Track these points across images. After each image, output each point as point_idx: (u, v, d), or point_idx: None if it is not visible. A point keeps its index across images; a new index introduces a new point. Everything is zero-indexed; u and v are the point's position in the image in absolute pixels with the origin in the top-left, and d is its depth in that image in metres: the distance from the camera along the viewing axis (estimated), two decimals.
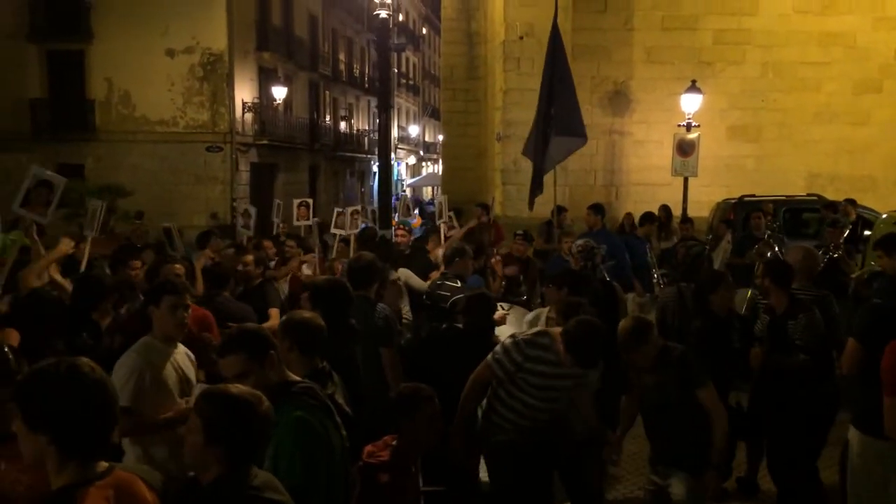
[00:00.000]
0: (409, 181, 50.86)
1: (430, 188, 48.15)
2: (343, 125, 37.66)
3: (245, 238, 10.98)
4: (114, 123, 24.42)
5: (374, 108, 39.03)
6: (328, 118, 35.36)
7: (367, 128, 42.00)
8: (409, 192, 42.19)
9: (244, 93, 25.70)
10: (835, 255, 8.63)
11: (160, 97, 24.15)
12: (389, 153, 10.78)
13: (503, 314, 6.17)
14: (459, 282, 6.49)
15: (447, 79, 26.26)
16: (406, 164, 53.73)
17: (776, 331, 5.19)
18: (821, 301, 5.44)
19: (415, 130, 54.75)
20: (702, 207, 16.63)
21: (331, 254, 9.59)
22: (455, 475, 4.56)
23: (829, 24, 19.26)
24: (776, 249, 8.86)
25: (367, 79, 41.49)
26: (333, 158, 35.78)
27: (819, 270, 6.72)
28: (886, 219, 10.01)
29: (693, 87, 16.84)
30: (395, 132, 43.16)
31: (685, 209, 15.27)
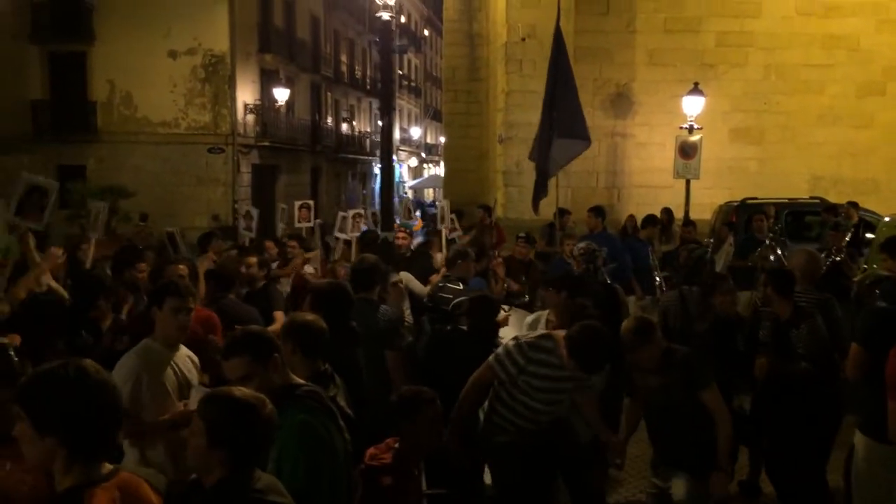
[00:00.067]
0: (411, 183, 50.86)
1: (432, 190, 48.16)
2: (345, 127, 37.68)
3: (247, 239, 10.97)
4: (115, 125, 24.45)
5: (376, 110, 39.14)
6: (330, 120, 35.38)
7: (369, 129, 42.03)
8: (411, 194, 42.21)
9: (246, 94, 25.72)
10: (837, 259, 8.61)
11: (162, 99, 24.18)
12: (391, 155, 10.77)
13: (505, 316, 6.16)
14: (461, 284, 6.48)
15: (449, 80, 26.28)
16: (408, 166, 53.71)
17: (779, 339, 5.17)
18: (823, 304, 5.43)
19: (416, 132, 54.76)
20: (704, 210, 16.61)
21: (333, 256, 9.59)
22: (458, 478, 4.54)
23: (833, 27, 19.25)
24: (779, 253, 8.85)
25: (369, 80, 41.53)
26: (335, 160, 35.80)
27: (821, 274, 6.70)
28: (889, 222, 10.00)
29: (695, 90, 16.82)
30: (397, 134, 43.17)
31: (687, 212, 15.25)
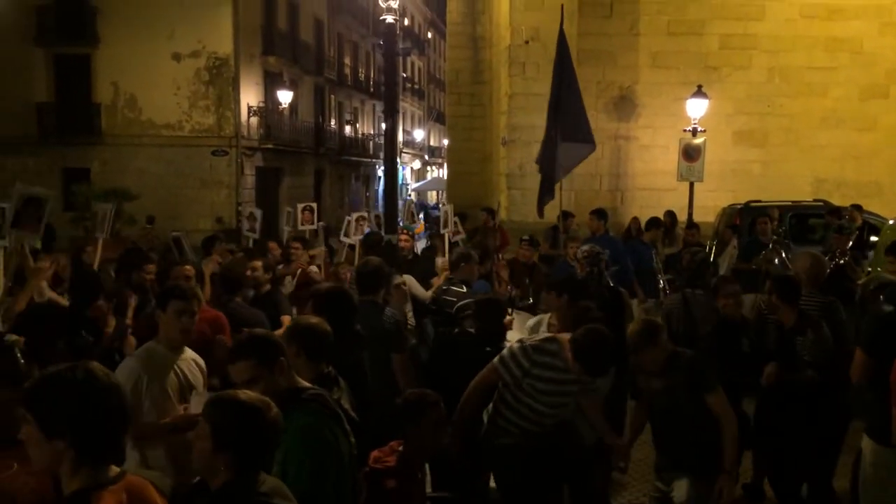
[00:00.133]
0: (414, 185, 50.87)
1: (435, 192, 48.17)
2: (348, 129, 37.73)
3: (251, 241, 10.96)
4: (120, 127, 24.52)
5: (380, 113, 39.09)
6: (333, 122, 35.43)
7: (372, 132, 42.07)
8: (414, 197, 42.22)
9: (250, 97, 25.77)
10: (841, 262, 8.60)
11: (166, 101, 24.25)
12: (395, 158, 10.78)
13: (509, 319, 6.16)
14: (465, 287, 6.48)
15: (452, 83, 26.28)
16: (411, 169, 53.75)
17: (784, 346, 5.15)
18: (827, 308, 5.42)
19: (420, 135, 54.80)
20: (707, 212, 16.58)
21: (336, 258, 9.60)
22: (463, 481, 4.54)
23: (836, 30, 19.23)
24: (783, 255, 8.84)
25: (373, 83, 41.58)
26: (338, 162, 35.85)
27: (825, 277, 6.70)
28: (893, 225, 10.00)
29: (699, 92, 16.81)
30: (400, 136, 43.11)
31: (691, 214, 15.24)
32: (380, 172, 41.75)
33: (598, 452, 4.76)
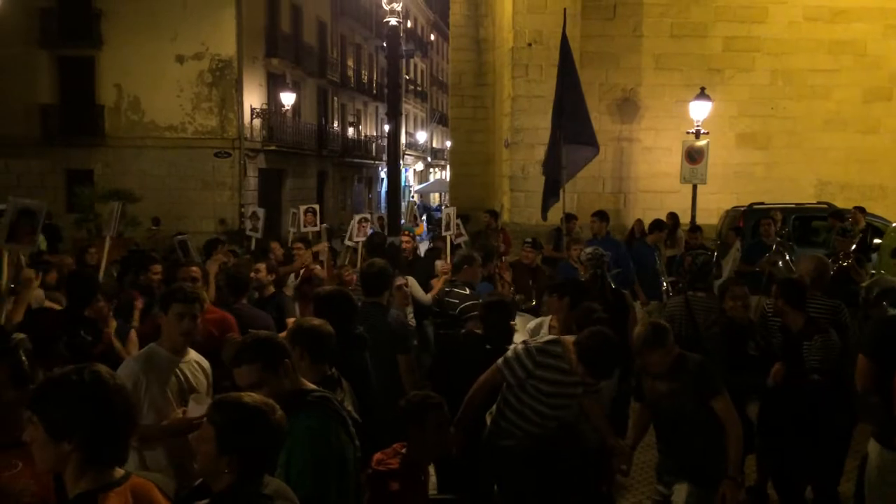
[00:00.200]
0: (417, 187, 50.93)
1: (438, 194, 48.21)
2: (351, 131, 37.75)
3: (254, 240, 10.96)
4: (123, 129, 24.56)
5: (382, 115, 39.18)
6: (336, 124, 35.45)
7: (375, 134, 42.10)
8: (417, 199, 42.24)
9: (253, 99, 25.79)
10: (845, 264, 8.59)
11: (169, 103, 24.28)
12: (398, 160, 10.76)
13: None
14: (468, 289, 6.48)
15: (455, 85, 26.28)
16: (414, 171, 53.80)
17: (791, 350, 5.14)
18: (832, 311, 5.41)
19: (422, 136, 54.84)
20: (711, 215, 16.59)
21: (340, 260, 9.60)
22: (468, 483, 4.53)
23: (839, 32, 19.20)
24: (787, 258, 8.83)
25: (376, 85, 41.61)
26: (341, 164, 35.87)
27: (829, 280, 6.68)
28: None
29: (702, 95, 16.79)
30: (403, 138, 43.18)
31: (694, 216, 15.23)
32: (382, 174, 41.81)
33: (601, 454, 4.75)
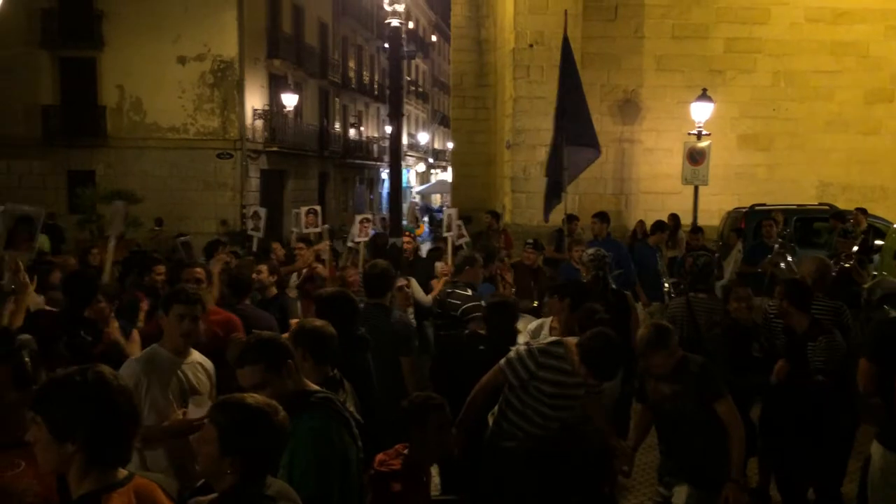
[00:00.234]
0: (419, 188, 50.94)
1: (440, 195, 48.18)
2: (352, 132, 37.77)
3: (255, 240, 10.95)
4: (125, 130, 24.58)
5: (384, 116, 39.20)
6: (338, 125, 35.47)
7: (377, 135, 42.11)
8: (419, 200, 42.23)
9: (254, 100, 25.82)
10: (846, 265, 8.59)
11: (171, 104, 24.30)
12: (400, 161, 10.77)
13: None
14: (470, 290, 6.48)
15: (456, 86, 26.27)
16: (415, 172, 53.80)
17: (795, 352, 5.13)
18: (835, 312, 5.41)
19: (424, 138, 54.84)
20: (712, 216, 16.59)
21: (341, 261, 9.59)
22: (471, 484, 4.53)
23: (841, 34, 19.19)
24: (789, 259, 8.82)
25: (377, 86, 41.62)
26: (343, 165, 35.88)
27: (831, 281, 6.68)
28: None
29: (704, 96, 16.79)
30: (405, 139, 43.19)
31: (695, 218, 15.22)
32: (384, 175, 41.82)
33: (603, 455, 4.75)
